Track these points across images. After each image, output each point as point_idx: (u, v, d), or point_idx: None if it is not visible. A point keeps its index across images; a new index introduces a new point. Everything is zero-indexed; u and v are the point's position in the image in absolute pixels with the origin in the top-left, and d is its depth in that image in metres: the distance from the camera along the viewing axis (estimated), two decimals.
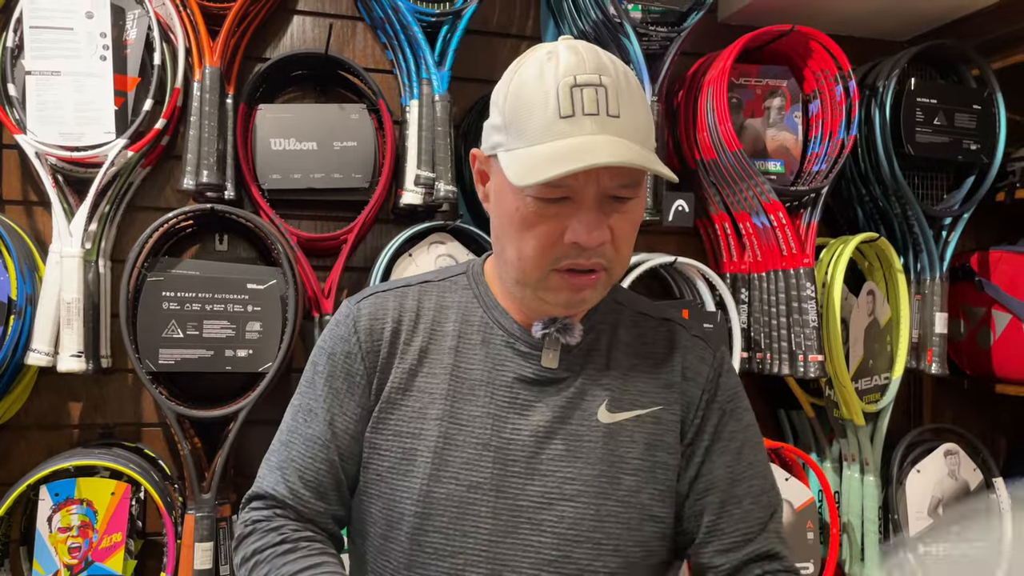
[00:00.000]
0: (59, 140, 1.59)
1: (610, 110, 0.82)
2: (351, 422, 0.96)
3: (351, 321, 0.99)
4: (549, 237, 0.85)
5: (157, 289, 1.59)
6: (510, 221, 0.88)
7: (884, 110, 1.93)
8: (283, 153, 1.73)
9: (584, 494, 0.91)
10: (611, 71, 0.84)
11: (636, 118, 0.84)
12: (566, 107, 0.81)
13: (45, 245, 1.63)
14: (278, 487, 0.95)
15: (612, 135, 0.81)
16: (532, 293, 0.91)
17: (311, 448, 0.96)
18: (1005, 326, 2.04)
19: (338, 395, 0.97)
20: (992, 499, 2.02)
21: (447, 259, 1.76)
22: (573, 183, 0.82)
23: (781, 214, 1.80)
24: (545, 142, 0.82)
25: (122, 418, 1.75)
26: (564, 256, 0.86)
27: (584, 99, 0.81)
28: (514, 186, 0.83)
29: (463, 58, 1.80)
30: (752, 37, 1.82)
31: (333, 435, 0.95)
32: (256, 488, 0.98)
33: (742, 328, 1.88)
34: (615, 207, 0.85)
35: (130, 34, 1.65)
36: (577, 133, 0.81)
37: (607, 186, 0.83)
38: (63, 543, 1.53)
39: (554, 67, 0.83)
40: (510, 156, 0.85)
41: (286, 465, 0.96)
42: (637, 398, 0.96)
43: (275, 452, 0.99)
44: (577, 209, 0.84)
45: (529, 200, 0.84)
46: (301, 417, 0.98)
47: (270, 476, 0.97)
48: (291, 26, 1.86)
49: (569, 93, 0.81)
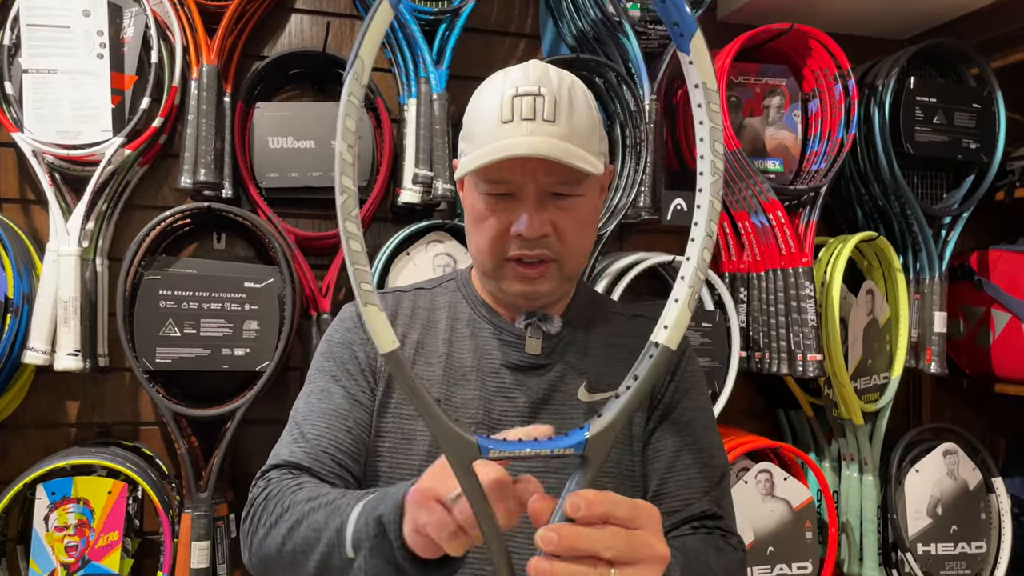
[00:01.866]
0: (56, 138, 1.58)
1: (545, 115, 0.91)
2: (366, 396, 1.02)
3: (354, 316, 1.08)
4: (497, 229, 0.96)
5: (154, 288, 1.59)
6: (470, 216, 1.00)
7: (883, 109, 1.93)
8: (281, 151, 1.73)
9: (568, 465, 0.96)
10: (553, 83, 0.94)
11: (572, 123, 0.93)
12: (507, 113, 0.92)
13: (42, 243, 1.63)
14: (294, 454, 0.97)
15: (544, 136, 0.91)
16: (494, 284, 1.02)
17: (327, 419, 0.99)
18: (1004, 325, 2.04)
19: (350, 375, 1.03)
20: (991, 499, 2.02)
21: (445, 258, 1.75)
22: (513, 179, 0.93)
23: (780, 213, 1.80)
24: (487, 143, 0.93)
25: (119, 417, 1.75)
26: (511, 247, 0.96)
27: (523, 106, 0.92)
28: (471, 186, 0.98)
29: (461, 57, 1.79)
30: (751, 36, 1.82)
31: (351, 406, 1.00)
32: (270, 462, 0.99)
33: (741, 327, 1.88)
34: (556, 203, 0.95)
35: (127, 32, 1.65)
36: (512, 135, 0.91)
37: (545, 183, 0.93)
38: (60, 542, 1.53)
39: (504, 82, 0.95)
40: (465, 159, 0.96)
41: (300, 439, 0.98)
42: (612, 381, 1.03)
43: (288, 432, 1.01)
44: (519, 204, 0.95)
45: (480, 197, 0.97)
46: (315, 398, 1.03)
47: (285, 450, 0.98)
48: (289, 24, 1.86)
49: (511, 102, 0.92)
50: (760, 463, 1.82)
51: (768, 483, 1.81)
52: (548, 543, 0.60)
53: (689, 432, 1.04)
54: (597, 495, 0.63)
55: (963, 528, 1.97)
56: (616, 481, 1.00)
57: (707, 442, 1.05)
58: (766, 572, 1.79)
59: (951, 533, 1.96)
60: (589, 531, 0.62)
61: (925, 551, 1.93)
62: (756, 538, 1.78)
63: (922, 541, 1.94)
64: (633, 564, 0.63)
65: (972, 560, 1.97)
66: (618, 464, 1.01)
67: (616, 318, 1.12)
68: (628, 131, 1.83)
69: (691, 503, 0.99)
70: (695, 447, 1.04)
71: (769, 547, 1.79)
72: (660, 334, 0.64)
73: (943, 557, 1.95)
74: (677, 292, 0.64)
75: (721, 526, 0.99)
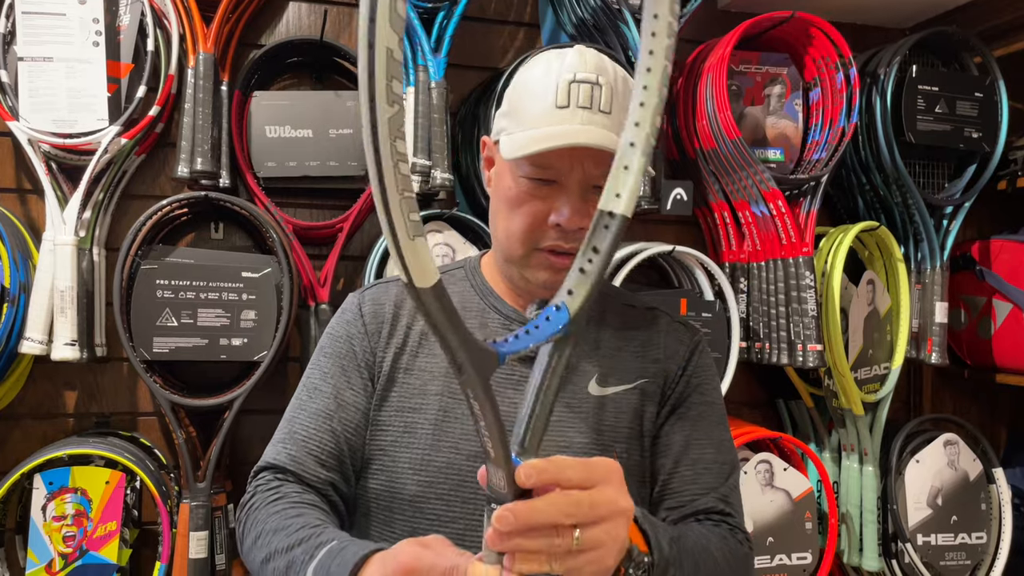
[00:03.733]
0: (52, 127, 1.57)
1: (602, 106, 0.90)
2: (357, 396, 1.01)
3: (356, 307, 1.06)
4: (535, 217, 0.94)
5: (151, 277, 1.58)
6: (505, 199, 0.96)
7: (885, 98, 1.91)
8: (278, 141, 1.72)
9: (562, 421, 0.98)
10: (610, 74, 0.92)
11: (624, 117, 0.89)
12: (562, 98, 0.90)
13: (39, 233, 1.62)
14: (279, 456, 0.98)
15: (599, 127, 0.89)
16: (518, 272, 0.99)
17: (315, 420, 0.99)
18: (1006, 316, 2.03)
19: (344, 372, 1.02)
20: (992, 490, 2.02)
21: (444, 248, 1.74)
22: (560, 166, 0.91)
23: (780, 203, 1.79)
24: (540, 127, 0.90)
25: (117, 407, 1.74)
26: (547, 237, 0.94)
27: (580, 93, 0.89)
28: (511, 168, 0.94)
29: (460, 45, 1.78)
30: (752, 24, 1.81)
31: (338, 407, 0.99)
32: (260, 463, 1.01)
33: (741, 318, 1.87)
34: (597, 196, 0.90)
35: (123, 20, 1.64)
36: (568, 121, 0.89)
37: (591, 174, 0.91)
38: (58, 532, 1.53)
39: (559, 64, 0.92)
40: (510, 139, 0.93)
41: (288, 438, 0.99)
42: (624, 375, 1.02)
43: (280, 429, 1.02)
44: (562, 193, 0.92)
45: (522, 180, 0.94)
46: (306, 395, 1.03)
47: (272, 449, 1.00)
48: (286, 12, 1.85)
49: (567, 87, 0.90)
50: (760, 453, 1.81)
51: (768, 473, 1.81)
52: (505, 523, 0.59)
53: (698, 427, 1.02)
54: (544, 462, 0.61)
55: (963, 519, 1.97)
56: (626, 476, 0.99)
57: (717, 437, 1.03)
58: (766, 562, 1.79)
59: (951, 524, 1.95)
60: (543, 503, 0.60)
61: (925, 542, 1.93)
62: (756, 529, 1.78)
63: (922, 532, 1.93)
64: (597, 523, 0.63)
65: (972, 551, 1.97)
66: (628, 460, 0.99)
67: (629, 311, 1.09)
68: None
69: (697, 499, 0.98)
70: (704, 442, 1.02)
71: (769, 538, 1.79)
72: (615, 203, 0.62)
73: (943, 547, 1.94)
74: (628, 160, 0.62)
75: (729, 522, 0.98)
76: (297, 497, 0.92)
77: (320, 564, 0.77)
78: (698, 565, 0.84)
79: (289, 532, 0.84)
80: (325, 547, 0.79)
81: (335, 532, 0.83)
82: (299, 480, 0.96)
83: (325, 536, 0.81)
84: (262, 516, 0.90)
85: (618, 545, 0.67)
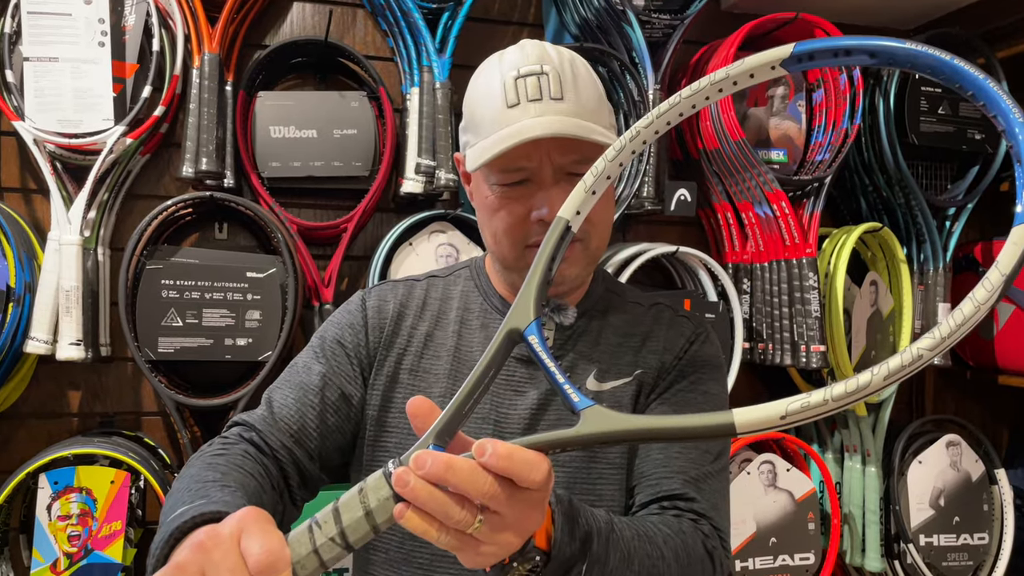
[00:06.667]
0: (57, 127, 1.57)
1: (552, 94, 0.89)
2: (345, 381, 0.99)
3: (360, 300, 1.07)
4: (516, 217, 0.93)
5: (156, 277, 1.59)
6: (485, 208, 0.96)
7: (888, 99, 1.92)
8: (283, 141, 1.72)
9: (576, 459, 0.96)
10: (554, 59, 0.91)
11: (581, 98, 0.90)
12: (512, 97, 0.89)
13: (44, 233, 1.62)
14: (252, 415, 0.96)
15: (555, 115, 0.88)
16: (518, 276, 0.98)
17: (295, 392, 0.98)
18: (1008, 317, 2.04)
19: (335, 356, 1.01)
20: (994, 490, 2.02)
21: (448, 248, 1.75)
22: (528, 165, 0.90)
23: (784, 204, 1.79)
24: (496, 131, 0.89)
25: (121, 407, 1.74)
26: (533, 232, 0.93)
27: (527, 87, 0.89)
28: (483, 177, 0.94)
29: (464, 46, 1.78)
30: (756, 25, 1.81)
31: (323, 385, 0.98)
32: (234, 418, 0.98)
33: (744, 318, 1.87)
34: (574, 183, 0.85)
35: (128, 20, 1.64)
36: (520, 118, 0.88)
37: (561, 163, 0.90)
38: (63, 531, 1.53)
39: (501, 65, 0.92)
40: (472, 151, 0.93)
41: (266, 404, 0.97)
42: (623, 369, 1.01)
43: (263, 399, 1.00)
44: (537, 189, 0.92)
45: (495, 187, 0.93)
46: (294, 371, 1.01)
47: (250, 412, 0.98)
48: (291, 13, 1.85)
49: (514, 84, 0.89)
50: (763, 454, 1.82)
51: (771, 474, 1.81)
52: (422, 465, 0.56)
53: (679, 411, 0.97)
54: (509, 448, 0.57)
55: (965, 519, 1.97)
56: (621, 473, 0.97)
57: None
58: (768, 563, 1.79)
59: (953, 524, 1.96)
60: (467, 468, 0.57)
61: (927, 542, 1.94)
62: (759, 529, 1.78)
63: (924, 532, 1.94)
64: (503, 520, 0.59)
65: (974, 551, 1.97)
66: (622, 455, 0.98)
67: (635, 308, 1.07)
68: (632, 121, 1.82)
69: (663, 481, 0.92)
70: None
71: (772, 538, 1.80)
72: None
73: (945, 548, 1.95)
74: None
75: (695, 509, 0.90)
76: (236, 459, 0.86)
77: (166, 512, 0.71)
78: (630, 560, 0.77)
79: (195, 481, 0.77)
80: (193, 503, 0.69)
81: (220, 493, 0.74)
82: (262, 441, 0.92)
83: (206, 490, 0.74)
84: (192, 464, 0.84)
85: (505, 552, 0.63)
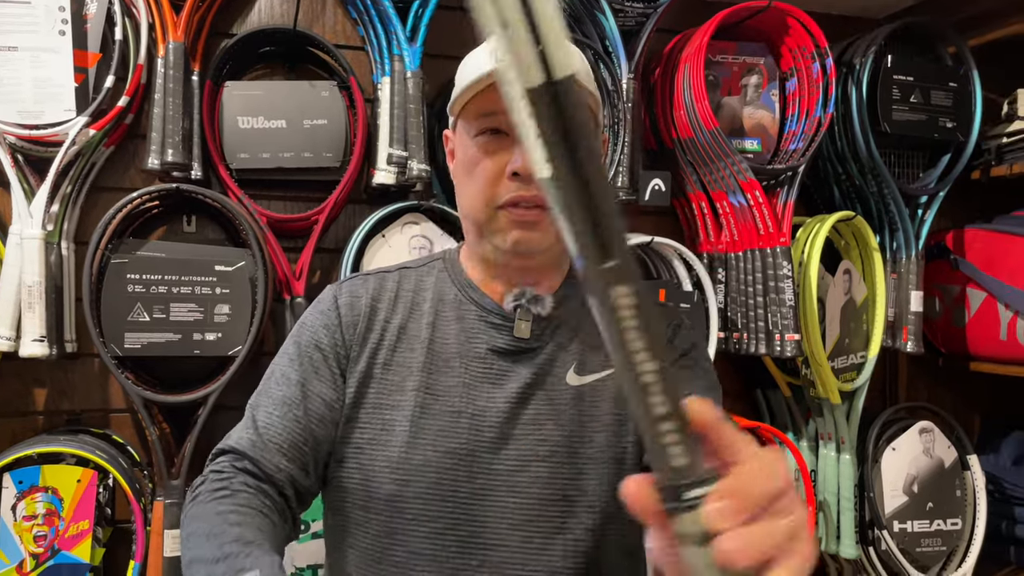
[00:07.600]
0: (17, 118, 1.54)
1: None
2: (324, 386, 0.98)
3: (332, 298, 1.04)
4: (492, 172, 0.93)
5: (122, 271, 1.55)
6: (463, 167, 0.97)
7: (861, 88, 1.92)
8: (251, 131, 1.69)
9: (557, 454, 0.95)
10: None
11: None
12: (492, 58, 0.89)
13: (5, 227, 1.58)
14: (240, 441, 0.95)
15: None
16: (488, 242, 0.97)
17: (279, 408, 0.97)
18: (980, 304, 2.05)
19: (313, 362, 0.99)
20: (966, 476, 2.04)
21: (421, 240, 1.73)
22: (505, 117, 0.89)
23: (758, 193, 1.79)
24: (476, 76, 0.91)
25: (89, 404, 1.71)
26: (506, 190, 0.93)
27: None
28: (465, 133, 0.96)
29: (436, 34, 1.76)
30: (729, 13, 1.80)
31: (304, 396, 0.97)
32: (221, 445, 0.98)
33: (719, 308, 1.87)
34: None
35: (90, 8, 1.60)
36: None
37: None
38: (28, 532, 1.50)
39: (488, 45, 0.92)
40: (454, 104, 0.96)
41: (251, 424, 0.97)
42: (604, 360, 0.99)
43: (245, 417, 1.00)
44: (513, 143, 0.92)
45: (477, 139, 0.94)
46: (273, 382, 1.00)
47: (235, 434, 0.97)
48: (258, 1, 1.81)
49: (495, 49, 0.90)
50: None
51: None
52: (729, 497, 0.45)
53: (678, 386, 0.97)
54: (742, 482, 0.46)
55: (939, 505, 1.99)
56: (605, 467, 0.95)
57: None
58: None
59: (927, 510, 1.98)
60: (752, 475, 0.46)
61: (901, 528, 1.95)
62: None
63: (898, 519, 1.95)
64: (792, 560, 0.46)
65: (948, 537, 1.99)
66: (608, 449, 0.96)
67: None
68: (605, 110, 1.81)
69: None
70: None
71: None
72: None
73: (919, 534, 1.96)
74: None
75: None
76: (244, 498, 0.89)
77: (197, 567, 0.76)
78: None
79: (220, 543, 0.81)
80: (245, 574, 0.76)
81: (261, 557, 0.79)
82: (256, 468, 0.93)
83: (248, 562, 0.78)
84: (203, 512, 0.87)
85: None
